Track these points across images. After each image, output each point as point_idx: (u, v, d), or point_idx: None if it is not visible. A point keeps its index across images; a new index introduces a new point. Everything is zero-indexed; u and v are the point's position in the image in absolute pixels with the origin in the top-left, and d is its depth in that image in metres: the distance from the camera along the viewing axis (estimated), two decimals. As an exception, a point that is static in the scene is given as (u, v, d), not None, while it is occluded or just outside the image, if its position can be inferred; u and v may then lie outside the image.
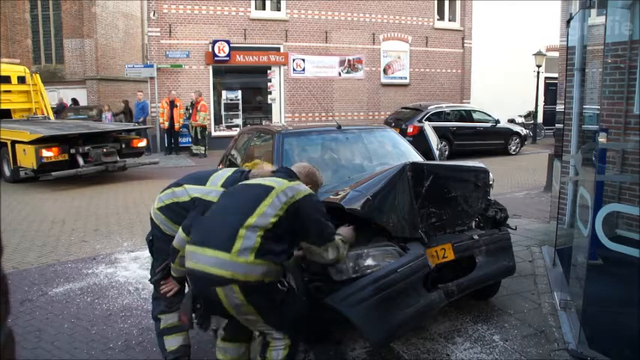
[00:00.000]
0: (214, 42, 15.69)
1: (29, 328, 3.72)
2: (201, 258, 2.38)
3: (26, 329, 3.69)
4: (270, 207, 2.46)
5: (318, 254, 2.64)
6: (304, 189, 2.62)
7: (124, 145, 10.84)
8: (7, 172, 10.59)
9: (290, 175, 2.77)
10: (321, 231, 2.59)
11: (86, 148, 10.06)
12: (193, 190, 2.89)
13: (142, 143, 11.48)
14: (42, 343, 3.52)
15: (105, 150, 10.16)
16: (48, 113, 13.55)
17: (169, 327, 3.00)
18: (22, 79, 13.25)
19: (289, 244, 2.56)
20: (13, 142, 10.06)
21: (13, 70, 13.41)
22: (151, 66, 15.52)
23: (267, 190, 2.54)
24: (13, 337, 1.08)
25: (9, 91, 13.09)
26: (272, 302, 2.43)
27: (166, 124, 14.55)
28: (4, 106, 12.96)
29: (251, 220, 2.42)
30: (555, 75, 17.33)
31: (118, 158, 10.41)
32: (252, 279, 2.32)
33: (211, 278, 2.33)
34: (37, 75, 13.90)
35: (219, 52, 15.69)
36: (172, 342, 2.99)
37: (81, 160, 9.97)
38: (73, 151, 9.92)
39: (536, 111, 18.76)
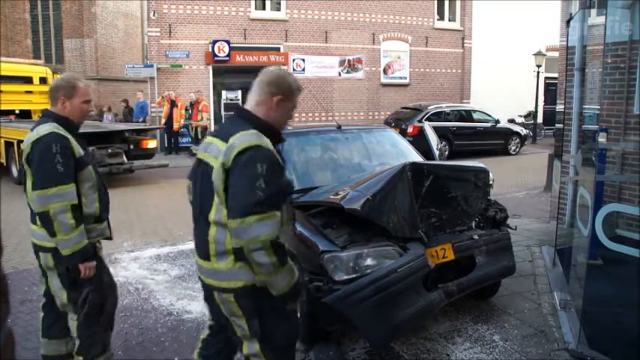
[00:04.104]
0: (214, 42, 15.69)
1: (29, 328, 3.72)
2: (197, 264, 2.17)
3: (26, 329, 3.69)
4: (218, 193, 1.99)
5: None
6: (239, 143, 1.91)
7: (132, 147, 10.22)
8: (14, 173, 10.25)
9: (235, 125, 2.03)
10: (237, 195, 1.88)
11: (90, 148, 9.64)
12: None
13: (152, 144, 10.70)
14: (42, 343, 3.51)
15: (110, 151, 9.60)
16: None
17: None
18: (43, 80, 13.22)
19: None
20: (19, 142, 9.70)
21: (35, 70, 13.42)
22: (151, 66, 15.52)
23: (210, 169, 2.00)
24: (13, 337, 1.08)
25: (30, 92, 13.08)
26: (259, 309, 2.05)
27: (163, 121, 14.56)
28: (25, 107, 12.96)
29: (212, 215, 2.01)
30: (555, 75, 17.34)
31: (125, 160, 9.84)
32: (240, 285, 2.01)
33: (206, 285, 2.12)
34: (58, 75, 13.88)
35: (219, 52, 15.69)
36: None
37: None
38: None
39: (536, 111, 18.76)
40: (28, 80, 12.98)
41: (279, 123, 2.09)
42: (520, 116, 19.07)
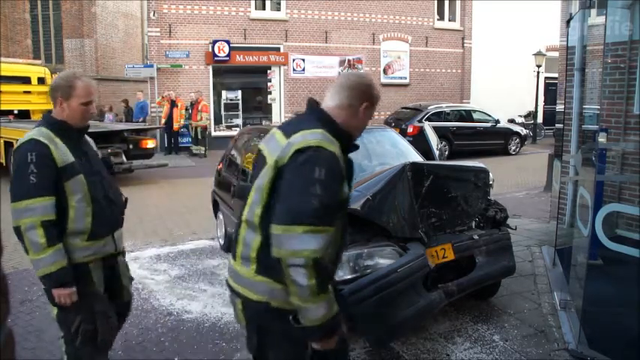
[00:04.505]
0: (214, 42, 15.69)
1: (29, 328, 3.72)
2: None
3: (26, 329, 3.69)
4: (258, 190, 1.80)
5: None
6: (300, 141, 1.72)
7: (131, 146, 10.22)
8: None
9: (304, 122, 1.83)
10: (287, 198, 1.67)
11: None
12: None
13: (151, 144, 10.77)
14: (42, 343, 3.52)
15: (110, 151, 9.50)
16: None
17: None
18: (42, 80, 13.24)
19: None
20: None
21: (34, 70, 13.43)
22: (151, 66, 15.52)
23: (264, 164, 1.81)
24: (13, 337, 1.08)
25: (29, 92, 13.10)
26: (264, 329, 1.84)
27: (163, 121, 14.58)
28: (23, 107, 12.99)
29: (245, 212, 1.84)
30: (555, 75, 17.33)
31: (124, 159, 9.80)
32: (254, 298, 1.80)
33: (232, 289, 1.91)
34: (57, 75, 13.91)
35: (219, 52, 15.69)
36: None
37: None
38: None
39: (536, 111, 18.76)
40: (26, 80, 13.00)
41: (357, 130, 1.92)
42: (520, 116, 19.06)
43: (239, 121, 16.72)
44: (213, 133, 16.02)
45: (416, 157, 4.52)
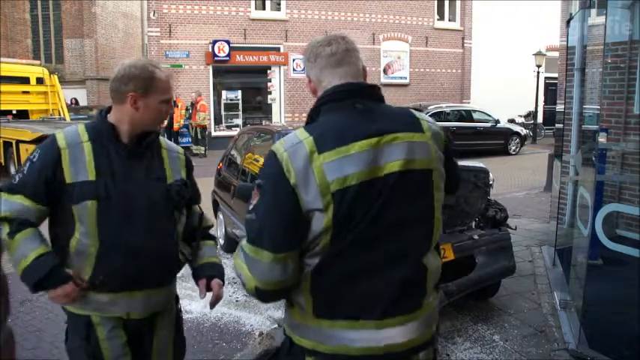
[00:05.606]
0: (214, 42, 15.70)
1: (29, 328, 3.72)
2: (376, 336, 1.34)
3: (26, 329, 3.69)
4: (440, 202, 1.52)
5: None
6: (433, 124, 1.49)
7: None
8: (13, 172, 10.45)
9: (395, 109, 1.52)
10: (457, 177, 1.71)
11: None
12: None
13: None
14: (42, 343, 3.51)
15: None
16: (64, 114, 13.48)
17: None
18: (40, 80, 13.24)
19: None
20: (18, 142, 9.84)
21: (32, 71, 13.43)
22: (151, 66, 15.53)
23: (423, 177, 1.45)
24: (13, 337, 1.08)
25: (27, 92, 13.10)
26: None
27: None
28: (22, 107, 12.99)
29: (436, 236, 1.56)
30: (555, 75, 17.34)
31: None
32: (433, 329, 1.51)
33: (409, 349, 1.38)
34: (55, 76, 13.89)
35: (219, 52, 15.69)
36: None
37: None
38: None
39: (536, 111, 18.77)
40: (24, 80, 12.99)
41: None
42: (520, 116, 19.09)
43: (239, 121, 16.72)
44: (214, 133, 16.02)
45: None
